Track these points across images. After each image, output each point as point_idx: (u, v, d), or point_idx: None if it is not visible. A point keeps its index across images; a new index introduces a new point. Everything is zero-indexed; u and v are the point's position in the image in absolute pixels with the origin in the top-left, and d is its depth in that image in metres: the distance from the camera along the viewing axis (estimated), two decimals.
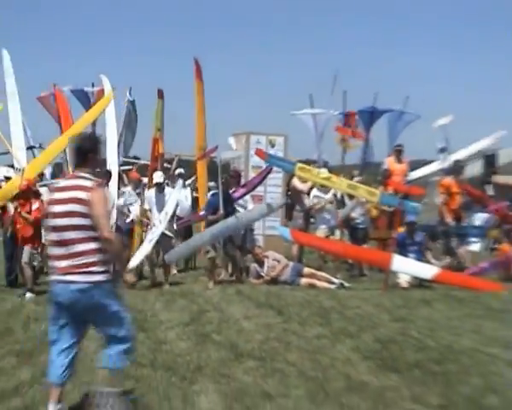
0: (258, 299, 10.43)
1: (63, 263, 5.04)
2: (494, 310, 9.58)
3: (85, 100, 18.50)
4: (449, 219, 14.07)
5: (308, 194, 14.93)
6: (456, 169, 15.15)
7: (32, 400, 5.61)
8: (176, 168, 16.29)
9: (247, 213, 11.99)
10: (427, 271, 11.18)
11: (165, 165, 16.43)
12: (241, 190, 12.58)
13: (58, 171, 17.61)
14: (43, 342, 7.60)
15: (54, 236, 5.13)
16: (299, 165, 12.29)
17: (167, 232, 11.50)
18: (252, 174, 13.65)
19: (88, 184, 5.09)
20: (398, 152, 16.37)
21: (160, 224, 11.34)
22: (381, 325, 8.56)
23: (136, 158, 19.90)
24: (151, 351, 7.15)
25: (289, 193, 16.43)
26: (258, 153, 12.72)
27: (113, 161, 14.50)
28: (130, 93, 17.93)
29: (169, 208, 11.46)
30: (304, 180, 15.10)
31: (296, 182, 15.23)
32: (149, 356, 6.93)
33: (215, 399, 5.57)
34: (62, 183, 5.43)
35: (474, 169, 17.16)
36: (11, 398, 5.68)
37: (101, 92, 17.94)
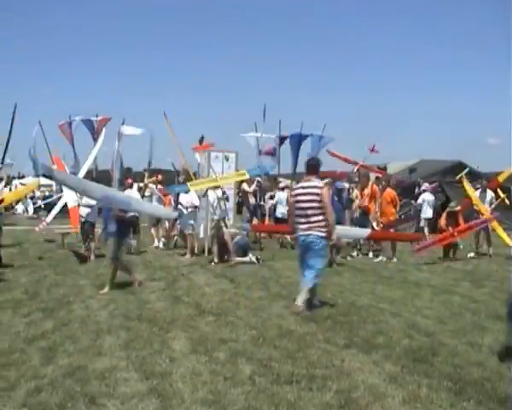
0: (215, 271, 10.46)
1: (305, 226, 6.98)
2: (384, 277, 9.81)
3: (91, 127, 18.48)
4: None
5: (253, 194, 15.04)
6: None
7: (53, 342, 5.62)
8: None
9: (143, 204, 10.37)
10: (363, 232, 11.18)
11: None
12: None
13: None
14: (61, 301, 7.55)
15: (300, 212, 7.03)
16: (189, 184, 12.23)
17: None
18: None
19: (320, 184, 7.08)
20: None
21: None
22: None
23: (129, 169, 19.93)
24: (138, 309, 7.13)
25: (240, 194, 16.45)
26: (163, 195, 13.29)
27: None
28: (123, 123, 17.99)
29: None
30: (249, 184, 15.18)
31: (245, 186, 15.22)
32: (137, 312, 6.91)
33: (184, 343, 5.60)
34: (304, 184, 7.16)
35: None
36: (39, 341, 5.68)
37: (103, 121, 18.03)
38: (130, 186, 13.73)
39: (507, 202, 15.56)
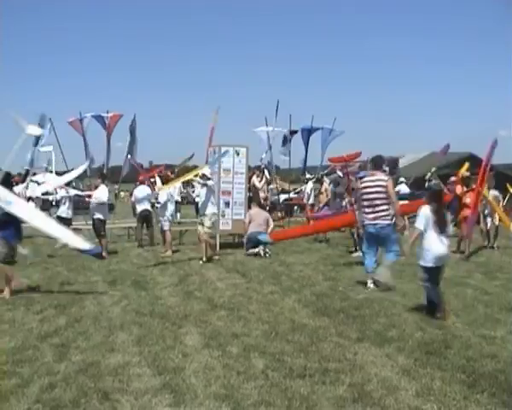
0: (227, 266, 10.47)
1: (372, 215, 7.77)
2: (395, 270, 9.63)
3: (102, 123, 18.50)
4: None
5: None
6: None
7: (66, 339, 5.64)
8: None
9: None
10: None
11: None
12: None
13: None
14: (74, 298, 7.59)
15: (367, 203, 7.83)
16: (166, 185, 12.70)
17: None
18: (222, 175, 13.30)
19: (385, 178, 7.90)
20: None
21: None
22: (317, 283, 8.66)
23: (150, 162, 20.07)
24: (150, 304, 7.17)
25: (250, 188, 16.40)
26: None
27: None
28: (134, 119, 18.02)
29: None
30: (259, 179, 15.18)
31: (255, 181, 15.21)
32: (149, 308, 6.95)
33: (197, 338, 5.61)
34: (371, 177, 7.93)
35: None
36: (52, 337, 5.70)
37: (115, 117, 18.12)
38: (141, 183, 13.88)
39: None
